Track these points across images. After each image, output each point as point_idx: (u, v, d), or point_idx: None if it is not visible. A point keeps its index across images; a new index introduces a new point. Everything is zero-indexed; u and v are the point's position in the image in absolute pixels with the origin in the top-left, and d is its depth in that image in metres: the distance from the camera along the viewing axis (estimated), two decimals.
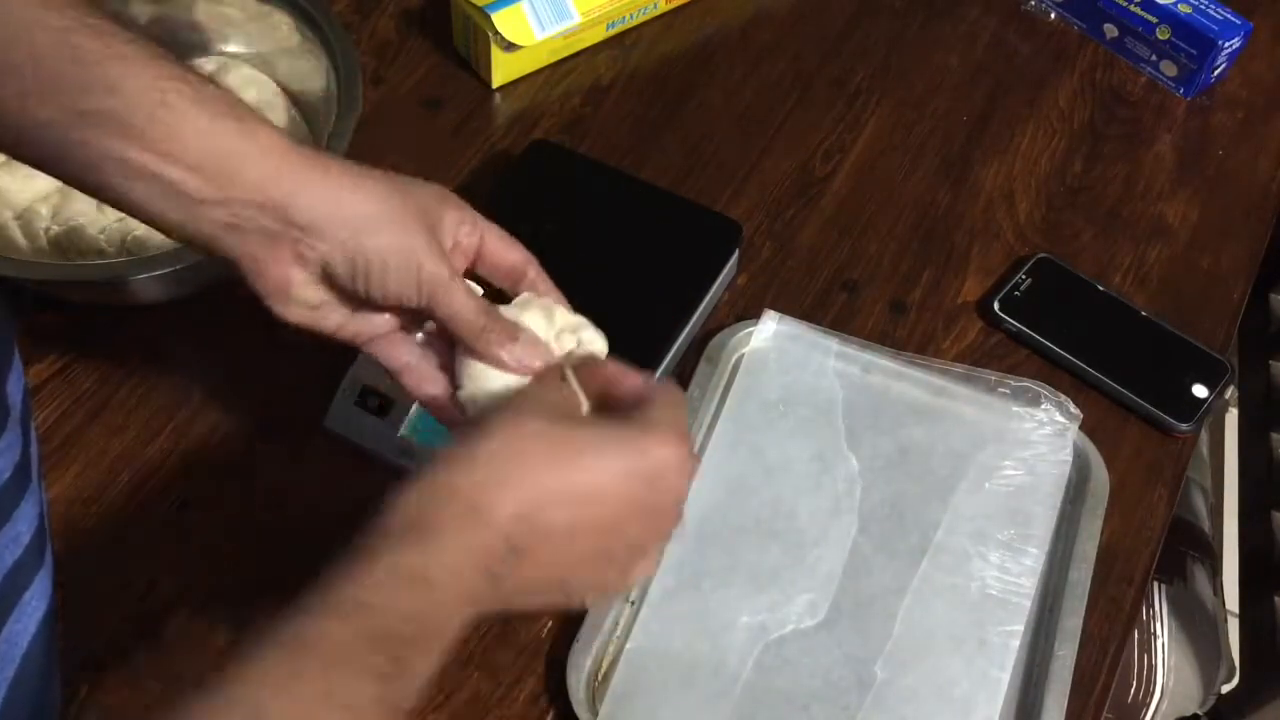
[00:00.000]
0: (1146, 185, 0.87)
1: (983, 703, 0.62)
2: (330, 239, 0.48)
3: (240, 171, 0.46)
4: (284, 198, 0.47)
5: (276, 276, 0.48)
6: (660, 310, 0.72)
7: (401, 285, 0.49)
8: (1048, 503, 0.68)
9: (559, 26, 0.87)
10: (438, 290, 0.50)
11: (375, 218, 0.48)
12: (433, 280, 0.50)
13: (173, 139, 0.45)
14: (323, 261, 0.48)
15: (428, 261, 0.49)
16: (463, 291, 0.51)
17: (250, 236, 0.47)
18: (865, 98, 0.90)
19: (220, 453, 0.70)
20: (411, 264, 0.49)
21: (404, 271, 0.49)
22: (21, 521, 0.43)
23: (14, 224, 0.74)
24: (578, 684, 0.61)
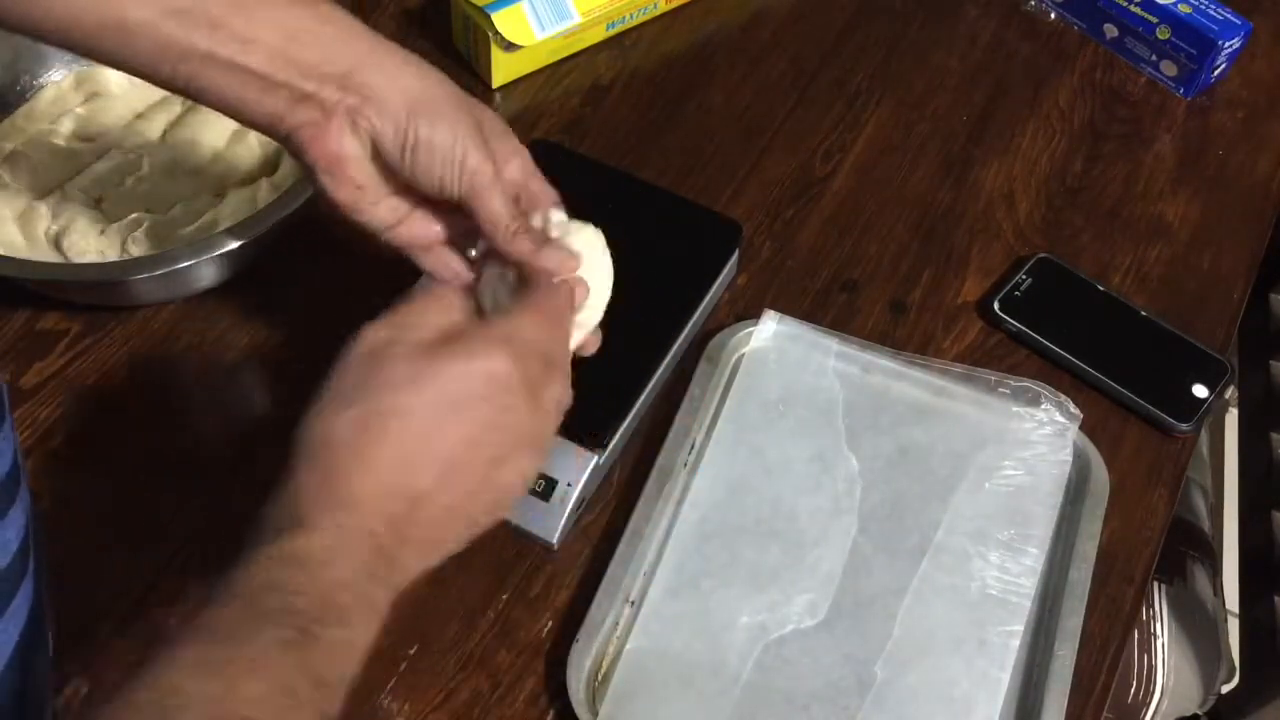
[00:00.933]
0: (1146, 185, 0.87)
1: (983, 703, 0.62)
2: (385, 112, 0.50)
3: (312, 50, 0.50)
4: (348, 69, 0.50)
5: (330, 146, 0.51)
6: (660, 310, 0.72)
7: (446, 171, 0.51)
8: (1048, 503, 0.68)
9: (559, 26, 0.87)
10: (478, 183, 0.52)
11: (431, 101, 0.51)
12: (475, 172, 0.52)
13: (253, 24, 0.49)
14: (375, 134, 0.51)
15: (473, 154, 0.51)
16: (500, 194, 0.52)
17: (311, 108, 0.50)
18: (865, 98, 0.90)
19: (220, 453, 0.70)
20: (458, 152, 0.51)
21: (449, 157, 0.51)
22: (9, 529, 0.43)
23: (14, 224, 0.74)
24: (578, 684, 0.61)
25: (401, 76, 0.51)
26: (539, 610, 0.65)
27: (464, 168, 0.51)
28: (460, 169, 0.51)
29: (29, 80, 0.81)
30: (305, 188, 0.71)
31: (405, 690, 0.62)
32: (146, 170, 0.77)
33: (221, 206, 0.75)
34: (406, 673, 0.63)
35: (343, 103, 0.50)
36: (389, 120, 0.51)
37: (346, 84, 0.50)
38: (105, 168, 0.77)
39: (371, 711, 0.61)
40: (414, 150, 0.51)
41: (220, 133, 0.79)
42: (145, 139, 0.79)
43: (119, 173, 0.77)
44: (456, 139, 0.51)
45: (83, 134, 0.79)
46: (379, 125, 0.51)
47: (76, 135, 0.79)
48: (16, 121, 0.79)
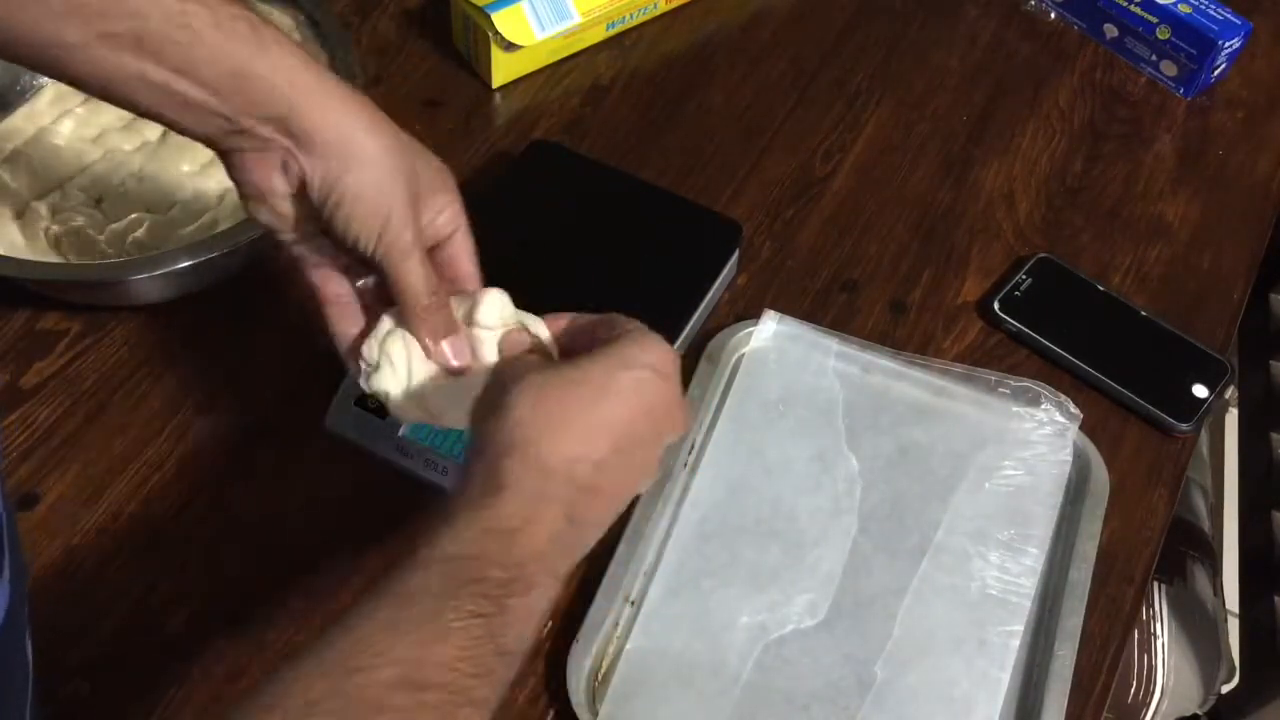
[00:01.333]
0: (1146, 185, 0.87)
1: (983, 703, 0.62)
2: (316, 160, 0.50)
3: (251, 89, 0.49)
4: (286, 112, 0.50)
5: (258, 180, 0.52)
6: (660, 310, 0.71)
7: (364, 231, 0.52)
8: (1048, 503, 0.68)
9: (559, 26, 0.87)
10: (394, 252, 0.52)
11: (365, 159, 0.51)
12: (394, 240, 0.52)
13: (190, 59, 0.48)
14: (303, 177, 0.51)
15: (396, 220, 0.52)
16: (419, 264, 0.53)
17: (245, 140, 0.50)
18: (865, 98, 0.90)
19: (220, 453, 0.70)
20: (380, 214, 0.51)
21: (371, 219, 0.51)
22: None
23: (14, 224, 0.74)
24: (578, 684, 0.61)
25: (341, 127, 0.50)
26: None
27: (384, 231, 0.52)
28: (379, 232, 0.52)
29: (29, 80, 0.81)
30: None
31: None
32: (146, 170, 0.77)
33: (221, 206, 0.75)
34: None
35: (278, 144, 0.50)
36: (318, 170, 0.50)
37: (284, 128, 0.50)
38: (105, 168, 0.77)
39: None
40: (338, 204, 0.51)
41: None
42: (145, 139, 0.79)
43: (119, 173, 0.77)
44: (380, 197, 0.51)
45: (83, 134, 0.79)
46: (308, 172, 0.51)
47: (76, 135, 0.79)
48: (16, 121, 0.79)
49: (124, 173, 0.77)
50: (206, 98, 0.49)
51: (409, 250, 0.52)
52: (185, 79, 0.48)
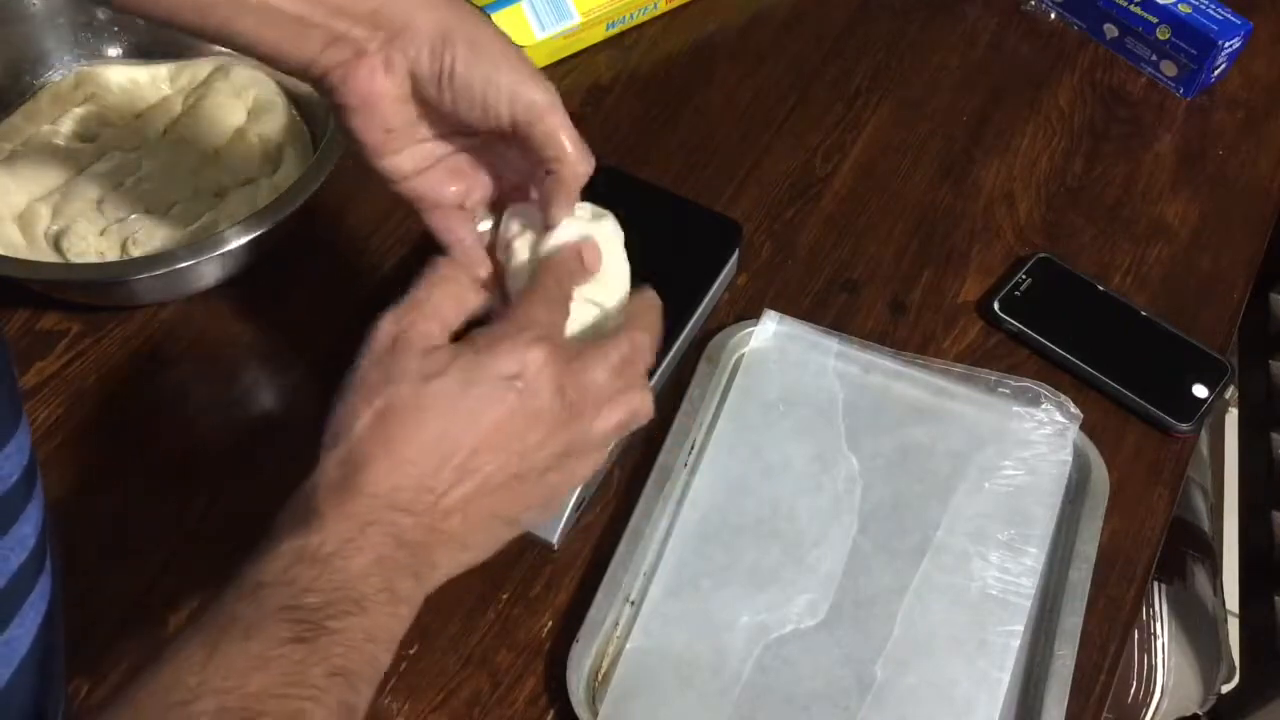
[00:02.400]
0: (1146, 185, 0.87)
1: (983, 703, 0.62)
2: (419, 42, 0.49)
3: None
4: (378, 5, 0.49)
5: (362, 85, 0.50)
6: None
7: (491, 94, 0.49)
8: (1048, 503, 0.68)
9: (559, 26, 0.87)
10: (539, 106, 0.50)
11: (468, 30, 0.49)
12: (533, 98, 0.49)
13: None
14: (411, 67, 0.50)
15: (527, 80, 0.49)
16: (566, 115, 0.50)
17: (344, 49, 0.49)
18: (865, 98, 0.90)
19: (220, 453, 0.70)
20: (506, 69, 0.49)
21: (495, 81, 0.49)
22: (27, 524, 0.43)
23: (14, 224, 0.74)
24: (578, 684, 0.61)
25: (436, 6, 0.49)
26: (539, 610, 0.65)
27: (515, 88, 0.49)
28: (512, 89, 0.49)
29: (29, 80, 0.81)
30: (306, 187, 0.71)
31: (405, 690, 0.62)
32: (146, 170, 0.77)
33: (221, 206, 0.75)
34: (406, 672, 0.63)
35: (374, 40, 0.49)
36: (424, 49, 0.49)
37: (378, 19, 0.49)
38: (105, 168, 0.77)
39: (371, 711, 0.61)
40: (451, 78, 0.49)
41: (220, 133, 0.79)
42: (145, 139, 0.79)
43: (119, 173, 0.77)
44: (500, 64, 0.49)
45: (83, 134, 0.79)
46: (413, 55, 0.49)
47: (76, 135, 0.79)
48: (16, 121, 0.79)
49: (124, 173, 0.77)
50: (303, 9, 0.48)
51: (552, 102, 0.50)
52: None
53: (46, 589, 0.44)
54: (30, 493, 0.43)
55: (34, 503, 0.43)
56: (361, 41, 0.49)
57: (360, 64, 0.50)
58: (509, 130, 0.51)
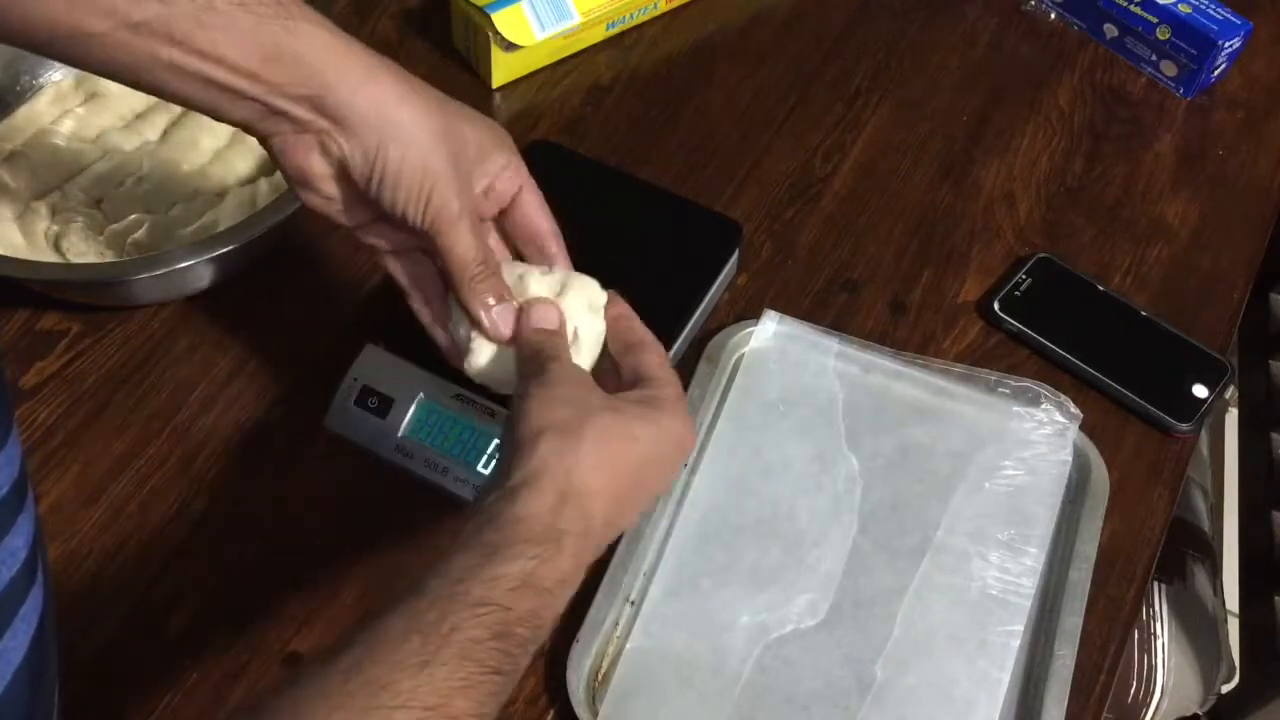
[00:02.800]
0: (1146, 185, 0.87)
1: (983, 703, 0.62)
2: (354, 138, 0.50)
3: (281, 69, 0.49)
4: (321, 91, 0.49)
5: (298, 163, 0.51)
6: (660, 310, 0.71)
7: (409, 203, 0.51)
8: (1048, 503, 0.68)
9: (559, 26, 0.87)
10: (440, 221, 0.52)
11: (402, 130, 0.50)
12: (440, 209, 0.51)
13: (218, 43, 0.47)
14: (343, 157, 0.51)
15: (441, 187, 0.51)
16: (466, 231, 0.52)
17: (282, 123, 0.50)
18: (865, 98, 0.90)
19: (220, 452, 0.70)
20: (425, 186, 0.51)
21: (415, 189, 0.51)
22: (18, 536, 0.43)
23: (14, 224, 0.74)
24: (578, 684, 0.61)
25: (377, 102, 0.50)
26: None
27: (429, 202, 0.51)
28: (425, 202, 0.51)
29: (29, 80, 0.81)
30: None
31: None
32: (146, 170, 0.77)
33: (221, 206, 0.75)
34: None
35: (315, 125, 0.50)
36: (357, 148, 0.50)
37: (318, 107, 0.49)
38: (105, 168, 0.77)
39: None
40: (381, 179, 0.51)
41: (220, 133, 0.79)
42: (145, 139, 0.79)
43: (119, 173, 0.77)
44: (425, 172, 0.51)
45: (83, 134, 0.79)
46: (348, 151, 0.50)
47: (76, 135, 0.79)
48: (16, 121, 0.79)
49: (124, 173, 0.77)
50: (237, 81, 0.48)
51: (455, 219, 0.52)
52: (213, 63, 0.48)
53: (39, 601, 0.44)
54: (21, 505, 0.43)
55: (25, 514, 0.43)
56: (300, 121, 0.50)
57: (298, 144, 0.51)
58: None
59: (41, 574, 0.45)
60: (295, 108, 0.49)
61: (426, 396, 0.67)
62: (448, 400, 0.67)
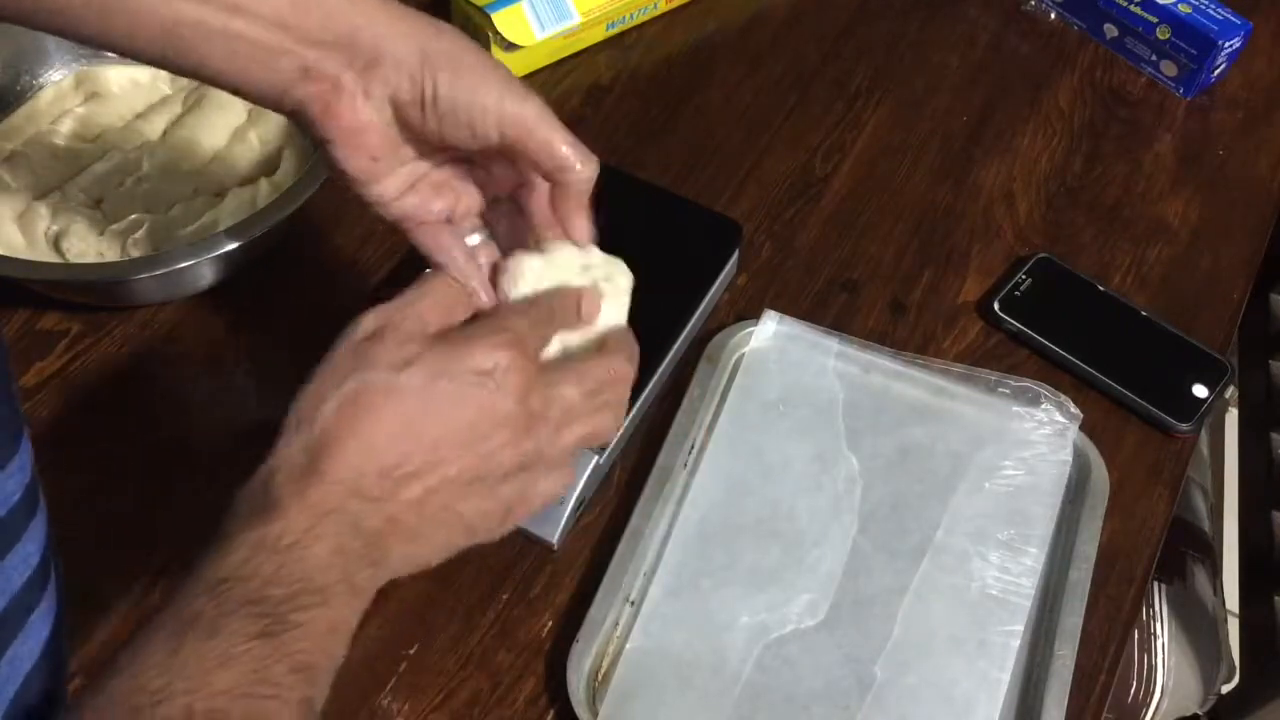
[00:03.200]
0: (1146, 185, 0.87)
1: (983, 703, 0.62)
2: (399, 68, 0.48)
3: (311, 14, 0.47)
4: (351, 32, 0.47)
5: (345, 119, 0.48)
6: (660, 310, 0.72)
7: (473, 114, 0.48)
8: (1048, 503, 0.68)
9: (559, 26, 0.87)
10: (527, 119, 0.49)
11: (446, 49, 0.48)
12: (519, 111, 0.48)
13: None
14: (392, 95, 0.48)
15: (514, 89, 0.48)
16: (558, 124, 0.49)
17: (318, 82, 0.48)
18: (865, 98, 0.90)
19: (220, 453, 0.70)
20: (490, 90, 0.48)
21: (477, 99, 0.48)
22: (31, 541, 0.43)
23: (14, 224, 0.74)
24: (578, 684, 0.61)
25: (411, 31, 0.48)
26: (539, 610, 0.65)
27: (503, 108, 0.48)
28: (500, 109, 0.48)
29: (29, 80, 0.81)
30: (305, 188, 0.71)
31: (405, 690, 0.62)
32: (146, 170, 0.77)
33: (221, 206, 0.75)
34: (406, 672, 0.63)
35: (350, 69, 0.47)
36: (403, 77, 0.48)
37: (353, 47, 0.47)
38: (105, 168, 0.77)
39: (371, 711, 0.61)
40: (435, 104, 0.48)
41: (220, 133, 0.79)
42: (145, 139, 0.79)
43: (119, 173, 0.77)
44: (484, 77, 0.48)
45: (83, 134, 0.79)
46: (395, 83, 0.48)
47: (76, 135, 0.79)
48: (16, 121, 0.79)
49: (124, 173, 0.77)
50: (268, 35, 0.47)
51: (541, 113, 0.49)
52: (245, 17, 0.46)
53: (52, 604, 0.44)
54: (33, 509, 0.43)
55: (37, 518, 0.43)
56: (336, 72, 0.48)
57: (340, 97, 0.48)
58: (499, 148, 0.50)
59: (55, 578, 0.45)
60: (329, 56, 0.47)
61: None
62: None
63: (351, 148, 0.49)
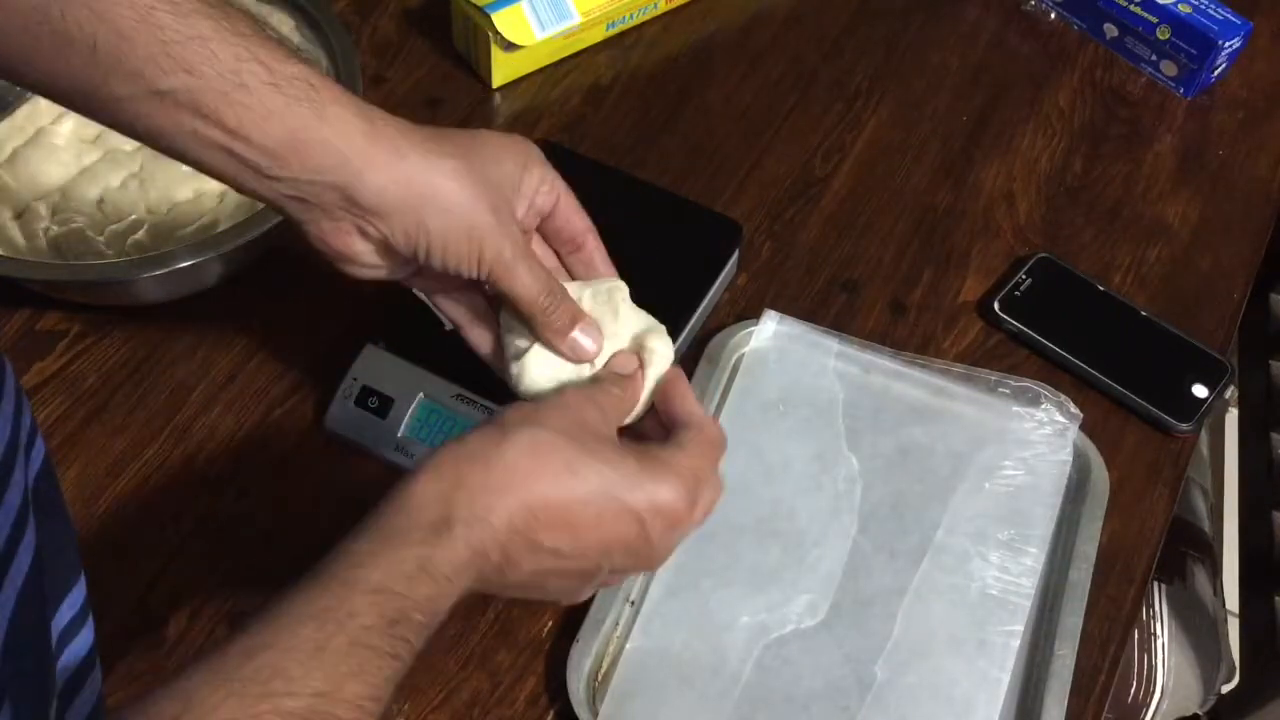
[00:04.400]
0: (1146, 185, 0.87)
1: (983, 703, 0.62)
2: (392, 220, 0.50)
3: (308, 154, 0.48)
4: (350, 180, 0.48)
5: (339, 246, 0.51)
6: (660, 310, 0.71)
7: (460, 262, 0.51)
8: (1048, 503, 0.68)
9: (559, 26, 0.87)
10: (498, 270, 0.51)
11: (441, 199, 0.50)
12: (494, 260, 0.51)
13: (244, 121, 0.47)
14: (383, 239, 0.50)
15: (490, 241, 0.51)
16: (525, 271, 0.52)
17: (315, 209, 0.49)
18: (865, 98, 0.90)
19: (220, 452, 0.70)
20: (474, 244, 0.50)
21: (464, 250, 0.51)
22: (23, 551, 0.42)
23: (14, 224, 0.74)
24: (578, 684, 0.61)
25: (409, 181, 0.49)
26: (539, 610, 0.65)
27: (481, 257, 0.51)
28: (478, 258, 0.51)
29: None
30: None
31: (405, 690, 0.62)
32: (146, 170, 0.77)
33: (221, 206, 0.75)
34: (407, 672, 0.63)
35: (348, 213, 0.49)
36: (398, 229, 0.50)
37: (350, 198, 0.49)
38: (105, 168, 0.77)
39: None
40: (428, 249, 0.50)
41: None
42: None
43: (119, 173, 0.77)
44: (471, 230, 0.50)
45: (83, 134, 0.79)
46: (388, 232, 0.50)
47: (76, 135, 0.79)
48: (16, 121, 0.79)
49: (124, 173, 0.77)
50: (262, 160, 0.47)
51: (512, 264, 0.51)
52: (240, 140, 0.47)
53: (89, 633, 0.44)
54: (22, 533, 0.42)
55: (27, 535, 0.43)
56: (332, 208, 0.49)
57: (334, 229, 0.50)
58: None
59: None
60: (326, 195, 0.49)
61: (427, 396, 0.67)
62: (448, 400, 0.67)
63: (348, 264, 0.52)
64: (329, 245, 0.51)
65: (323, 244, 0.51)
